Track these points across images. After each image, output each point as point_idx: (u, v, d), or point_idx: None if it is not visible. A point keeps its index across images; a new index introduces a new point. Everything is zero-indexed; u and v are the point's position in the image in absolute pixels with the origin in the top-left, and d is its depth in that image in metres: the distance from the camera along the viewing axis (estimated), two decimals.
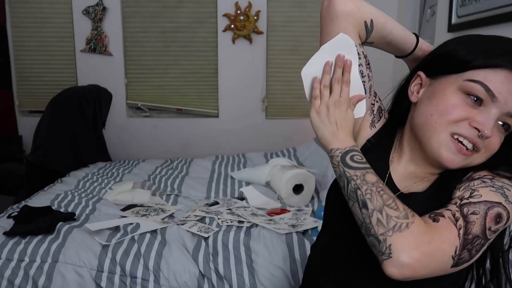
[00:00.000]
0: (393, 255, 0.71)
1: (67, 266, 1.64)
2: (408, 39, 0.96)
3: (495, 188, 0.79)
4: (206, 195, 2.47)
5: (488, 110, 0.82)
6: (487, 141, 0.82)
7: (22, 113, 3.86)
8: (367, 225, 0.76)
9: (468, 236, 0.73)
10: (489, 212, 0.75)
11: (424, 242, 0.71)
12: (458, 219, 0.75)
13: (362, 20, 0.90)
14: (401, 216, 0.74)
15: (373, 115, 0.99)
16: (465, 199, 0.78)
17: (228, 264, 1.66)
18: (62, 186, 2.55)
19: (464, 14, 2.52)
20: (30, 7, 3.65)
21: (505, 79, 0.80)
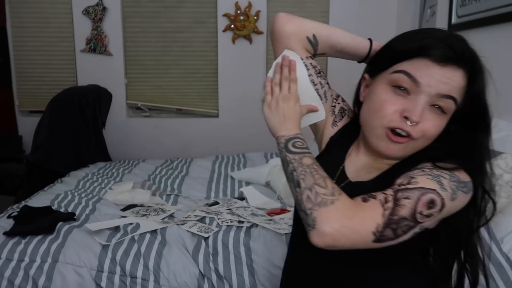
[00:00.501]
0: (317, 226, 0.80)
1: (67, 266, 1.64)
2: (360, 44, 1.04)
3: (431, 177, 0.84)
4: (206, 195, 2.47)
5: (416, 97, 0.89)
6: (420, 126, 0.89)
7: (22, 113, 3.86)
8: (299, 202, 0.85)
9: (393, 217, 0.80)
10: (422, 197, 0.81)
11: (346, 216, 0.79)
12: (388, 201, 0.81)
13: (303, 36, 1.03)
14: (328, 194, 0.82)
15: (334, 115, 1.10)
16: (403, 185, 0.84)
17: (228, 264, 1.66)
18: (62, 186, 2.55)
19: (464, 14, 2.52)
20: (30, 7, 3.65)
21: (424, 66, 0.88)
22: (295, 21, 1.04)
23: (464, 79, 0.89)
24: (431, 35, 0.91)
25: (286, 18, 1.04)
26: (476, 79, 0.91)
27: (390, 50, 0.96)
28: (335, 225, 0.79)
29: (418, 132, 0.89)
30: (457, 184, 0.86)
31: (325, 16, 3.69)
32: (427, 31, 0.94)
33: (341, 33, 1.04)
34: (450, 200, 0.84)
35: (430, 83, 0.87)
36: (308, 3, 3.68)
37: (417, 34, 0.94)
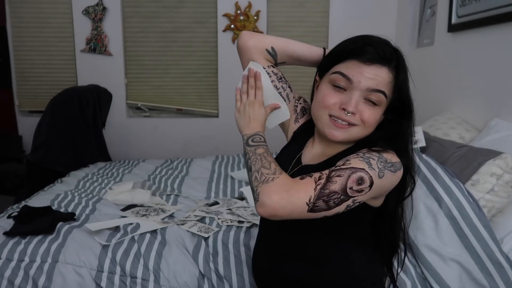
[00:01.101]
0: (259, 199, 0.96)
1: (67, 266, 1.64)
2: (314, 53, 1.22)
3: (362, 158, 1.01)
4: (206, 195, 2.47)
5: (351, 92, 1.07)
6: (358, 116, 1.06)
7: (22, 113, 3.86)
8: (251, 183, 1.02)
9: (324, 191, 0.95)
10: (352, 175, 0.97)
11: (283, 190, 0.95)
12: (322, 178, 0.97)
13: (263, 49, 1.22)
14: (270, 173, 0.99)
15: (296, 113, 1.29)
16: (338, 166, 1.00)
17: (228, 264, 1.66)
18: (62, 186, 2.55)
19: (464, 14, 2.52)
20: (30, 7, 3.65)
21: (354, 66, 1.06)
22: (255, 37, 1.22)
23: (390, 75, 1.06)
24: (360, 40, 1.08)
25: (248, 35, 1.23)
26: (399, 74, 1.07)
27: (330, 54, 1.15)
28: (274, 197, 0.94)
29: (362, 120, 1.07)
30: (384, 164, 1.02)
31: (325, 16, 3.69)
32: (359, 38, 1.10)
33: (296, 44, 1.23)
34: (378, 178, 0.99)
35: (360, 80, 1.05)
36: (308, 3, 3.68)
37: (350, 39, 1.11)
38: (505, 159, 1.63)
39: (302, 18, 3.69)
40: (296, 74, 3.75)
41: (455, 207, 1.52)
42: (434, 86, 2.86)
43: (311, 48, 1.23)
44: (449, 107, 2.64)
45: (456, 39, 2.67)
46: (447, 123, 2.40)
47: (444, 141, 2.05)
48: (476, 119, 2.35)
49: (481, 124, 2.28)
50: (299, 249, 1.16)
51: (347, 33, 1.13)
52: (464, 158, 1.79)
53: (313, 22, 3.70)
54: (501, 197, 1.63)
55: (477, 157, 1.73)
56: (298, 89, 1.34)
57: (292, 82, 1.31)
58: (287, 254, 1.17)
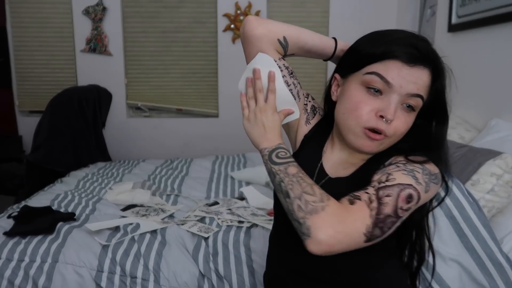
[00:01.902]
0: (312, 234, 0.82)
1: (67, 266, 1.64)
2: (327, 44, 1.07)
3: (406, 172, 0.91)
4: (206, 195, 2.47)
5: (388, 97, 0.94)
6: (393, 125, 0.95)
7: (22, 113, 3.86)
8: (291, 212, 0.87)
9: (379, 216, 0.84)
10: (401, 193, 0.87)
11: (338, 221, 0.82)
12: (373, 201, 0.85)
13: (275, 38, 1.04)
14: (317, 200, 0.85)
15: (307, 114, 1.13)
16: (382, 182, 0.89)
17: (228, 264, 1.66)
18: (62, 186, 2.55)
19: (464, 14, 2.52)
20: (30, 7, 3.65)
21: (395, 67, 0.93)
22: (266, 24, 1.04)
23: (430, 77, 0.96)
24: (397, 36, 0.96)
25: (257, 21, 1.04)
26: (439, 77, 0.98)
27: (359, 53, 1.00)
28: (330, 231, 0.81)
29: (391, 130, 0.95)
30: (429, 176, 0.92)
31: (325, 16, 3.69)
32: (392, 33, 0.98)
33: (309, 34, 1.07)
34: (425, 193, 0.91)
35: (401, 84, 0.93)
36: (308, 3, 3.68)
37: (384, 36, 0.98)
38: (505, 159, 1.63)
39: (302, 18, 3.69)
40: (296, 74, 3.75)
41: (455, 207, 1.52)
42: None
43: (322, 38, 1.08)
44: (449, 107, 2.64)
45: (456, 39, 2.67)
46: None
47: None
48: (476, 119, 2.35)
49: (481, 124, 2.28)
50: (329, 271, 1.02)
51: (347, 33, 1.11)
52: (464, 158, 1.78)
53: (313, 22, 3.69)
54: (501, 197, 1.63)
55: (477, 157, 1.73)
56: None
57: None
58: (316, 277, 1.03)
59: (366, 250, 0.91)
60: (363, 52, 0.98)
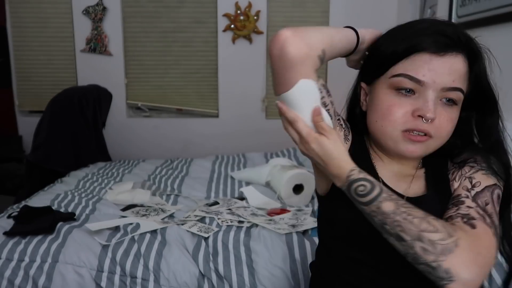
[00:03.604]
0: (455, 277, 0.71)
1: (67, 266, 1.64)
2: (351, 40, 0.90)
3: (484, 170, 0.86)
4: (206, 195, 2.47)
5: (423, 94, 0.84)
6: (435, 124, 0.85)
7: (22, 113, 3.86)
8: (413, 255, 0.74)
9: (497, 230, 0.79)
10: (493, 197, 0.82)
11: (477, 254, 0.73)
12: (485, 216, 0.78)
13: (316, 57, 0.82)
14: (446, 237, 0.73)
15: (343, 130, 0.96)
16: (471, 189, 0.83)
17: (228, 264, 1.66)
18: (62, 186, 2.55)
19: (464, 14, 2.52)
20: (30, 7, 3.65)
21: (422, 62, 0.83)
22: (307, 40, 0.80)
23: (465, 63, 0.87)
24: (420, 27, 0.86)
25: (299, 38, 0.79)
26: (477, 61, 0.88)
27: (381, 54, 0.89)
28: (474, 269, 0.72)
29: (435, 130, 0.85)
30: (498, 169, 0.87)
31: (325, 16, 3.69)
32: (413, 25, 0.88)
33: (336, 36, 0.87)
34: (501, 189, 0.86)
35: (434, 79, 0.83)
36: (308, 3, 3.68)
37: (404, 30, 0.88)
38: None
39: (302, 18, 3.69)
40: None
41: None
42: None
43: (347, 34, 0.89)
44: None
45: None
46: None
47: None
48: None
49: None
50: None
51: None
52: None
53: (313, 22, 3.69)
54: None
55: None
56: None
57: None
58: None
59: None
60: (385, 53, 0.88)
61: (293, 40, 0.78)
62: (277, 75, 0.83)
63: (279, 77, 0.83)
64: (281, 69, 0.81)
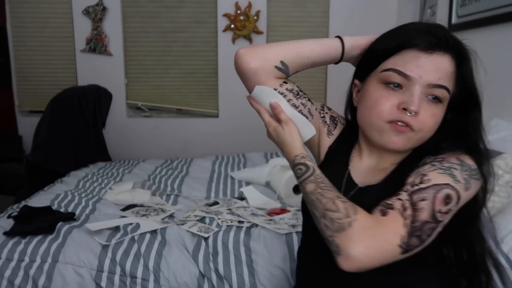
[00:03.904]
0: (342, 252, 0.78)
1: (67, 266, 1.64)
2: (331, 48, 1.00)
3: (443, 170, 0.85)
4: (206, 195, 2.47)
5: (410, 89, 0.90)
6: (419, 118, 0.89)
7: (22, 113, 3.86)
8: (321, 231, 0.85)
9: (415, 224, 0.79)
10: (438, 195, 0.81)
11: (368, 236, 0.78)
12: (407, 208, 0.80)
13: (271, 67, 0.98)
14: (342, 216, 0.81)
15: (327, 125, 1.10)
16: (416, 185, 0.83)
17: (228, 264, 1.66)
18: (62, 186, 2.55)
19: (464, 14, 2.52)
20: (30, 7, 3.65)
21: (411, 58, 0.89)
22: (258, 55, 0.98)
23: (452, 64, 0.91)
24: (411, 27, 0.93)
25: (250, 54, 0.99)
26: (464, 62, 0.92)
27: (373, 52, 0.97)
28: (360, 248, 0.77)
29: (418, 124, 0.90)
30: (469, 172, 0.86)
31: (325, 16, 3.69)
32: (407, 25, 0.95)
33: (307, 46, 1.00)
34: (465, 191, 0.84)
35: (421, 74, 0.89)
36: (308, 3, 3.68)
37: (398, 29, 0.95)
38: (505, 159, 1.63)
39: (302, 18, 3.69)
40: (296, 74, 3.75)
41: None
42: None
43: (324, 44, 1.00)
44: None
45: None
46: None
47: None
48: None
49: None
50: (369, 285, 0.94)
51: (347, 33, 1.07)
52: None
53: (313, 22, 3.69)
54: (501, 197, 1.63)
55: None
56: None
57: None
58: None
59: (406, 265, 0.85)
60: (377, 50, 0.96)
61: (244, 57, 0.99)
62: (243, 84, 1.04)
63: (244, 84, 1.04)
64: (241, 78, 1.03)
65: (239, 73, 1.02)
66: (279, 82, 1.00)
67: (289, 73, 1.01)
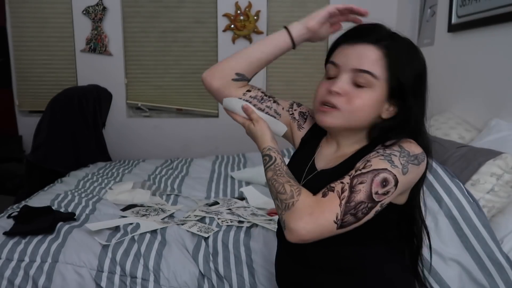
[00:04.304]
0: (287, 226, 0.94)
1: (67, 266, 1.64)
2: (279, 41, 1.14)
3: (383, 156, 0.96)
4: (206, 195, 2.47)
5: (338, 76, 1.05)
6: (345, 98, 1.03)
7: (22, 113, 3.86)
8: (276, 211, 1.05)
9: (350, 204, 0.92)
10: (376, 178, 0.93)
11: (306, 213, 0.92)
12: (345, 190, 0.93)
13: (229, 80, 1.16)
14: (288, 198, 0.96)
15: (296, 121, 1.24)
16: (359, 170, 0.95)
17: (228, 264, 1.66)
18: (62, 186, 2.55)
19: (464, 14, 2.52)
20: (30, 7, 3.65)
21: (340, 50, 1.07)
22: (216, 75, 1.17)
23: (377, 53, 1.02)
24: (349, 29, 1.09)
25: (209, 76, 1.17)
26: (390, 51, 1.02)
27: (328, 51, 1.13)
28: (299, 223, 0.91)
29: (341, 103, 1.04)
30: (407, 157, 0.97)
31: None
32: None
33: (257, 49, 1.16)
34: (402, 175, 0.95)
35: (345, 62, 1.04)
36: (308, 2, 3.68)
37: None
38: (505, 159, 1.63)
39: (303, 17, 3.68)
40: (296, 74, 3.76)
41: (455, 207, 1.52)
42: (434, 86, 2.84)
43: (273, 42, 1.15)
44: (449, 107, 2.64)
45: (456, 39, 2.67)
46: (447, 123, 2.40)
47: (444, 141, 2.05)
48: (476, 119, 2.35)
49: (481, 124, 2.28)
50: (330, 260, 1.08)
51: None
52: (464, 158, 1.79)
53: None
54: (501, 197, 1.63)
55: (477, 157, 1.73)
56: (300, 90, 1.31)
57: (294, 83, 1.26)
58: (318, 265, 1.10)
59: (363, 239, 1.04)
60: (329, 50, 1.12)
61: (206, 80, 1.18)
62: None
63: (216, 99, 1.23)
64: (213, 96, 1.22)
65: (209, 92, 1.20)
66: (243, 91, 1.19)
67: (248, 78, 1.19)
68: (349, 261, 1.07)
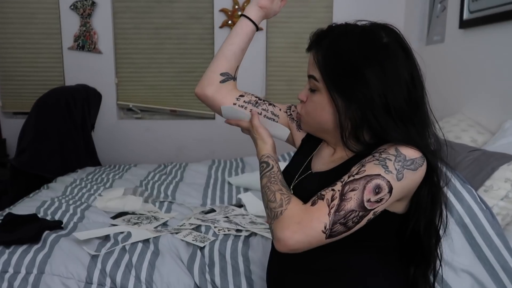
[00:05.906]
0: (275, 236, 0.96)
1: (54, 278, 1.65)
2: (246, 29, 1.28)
3: (378, 161, 0.97)
4: (202, 202, 2.47)
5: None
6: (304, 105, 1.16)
7: (5, 115, 3.87)
8: (267, 218, 1.04)
9: (339, 213, 0.93)
10: (368, 185, 0.94)
11: (294, 222, 0.95)
12: (335, 198, 0.94)
13: (218, 84, 1.26)
14: (277, 206, 1.00)
15: (295, 121, 1.31)
16: (352, 176, 0.97)
17: (225, 275, 1.66)
18: (48, 193, 2.55)
19: (477, 9, 2.53)
20: (14, 1, 3.67)
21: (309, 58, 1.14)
22: (205, 83, 1.27)
23: (314, 55, 1.10)
24: None
25: (200, 88, 1.27)
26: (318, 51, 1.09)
27: None
28: (287, 232, 0.94)
29: (301, 110, 1.17)
30: (403, 162, 0.97)
31: (329, 12, 3.71)
32: None
33: (229, 43, 1.28)
34: (397, 181, 0.95)
35: (309, 70, 1.13)
36: None
37: None
38: None
39: (305, 13, 3.71)
40: (296, 74, 3.76)
41: (466, 214, 1.53)
42: (445, 86, 2.87)
43: (238, 32, 1.28)
44: (461, 108, 2.65)
45: (468, 36, 2.68)
46: (459, 125, 2.40)
47: (455, 144, 2.06)
48: (489, 121, 2.36)
49: (495, 126, 2.29)
50: (313, 262, 1.11)
51: None
52: (477, 162, 1.79)
53: (316, 18, 3.71)
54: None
55: (490, 161, 1.74)
56: (300, 90, 1.34)
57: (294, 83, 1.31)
58: (300, 267, 1.13)
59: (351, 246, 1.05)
60: None
61: (199, 93, 1.28)
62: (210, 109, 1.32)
63: (212, 110, 1.33)
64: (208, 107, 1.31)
65: (203, 102, 1.29)
66: (235, 96, 1.28)
67: (233, 75, 1.29)
68: (331, 265, 1.09)
